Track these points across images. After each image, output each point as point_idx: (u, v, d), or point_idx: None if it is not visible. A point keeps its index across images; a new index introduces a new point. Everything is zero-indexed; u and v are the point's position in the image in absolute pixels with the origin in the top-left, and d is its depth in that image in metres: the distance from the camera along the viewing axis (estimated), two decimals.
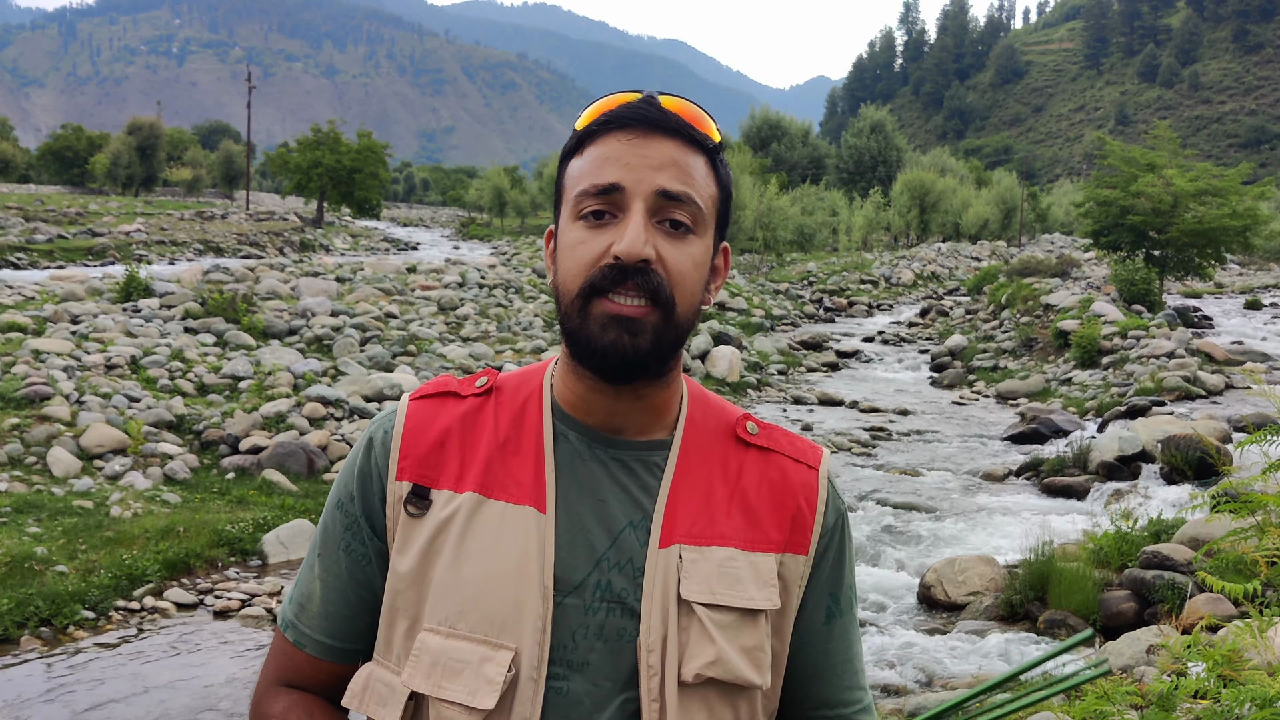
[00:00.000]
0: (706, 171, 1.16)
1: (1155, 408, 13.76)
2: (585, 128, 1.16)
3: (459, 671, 1.10)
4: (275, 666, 1.26)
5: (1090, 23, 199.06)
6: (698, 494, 1.18)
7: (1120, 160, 25.86)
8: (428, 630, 1.12)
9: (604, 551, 1.13)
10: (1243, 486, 3.39)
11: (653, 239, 1.10)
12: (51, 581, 7.22)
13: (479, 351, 16.05)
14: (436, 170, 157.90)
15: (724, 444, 1.22)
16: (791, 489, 1.22)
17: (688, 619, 1.12)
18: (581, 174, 1.14)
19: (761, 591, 1.16)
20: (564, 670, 1.11)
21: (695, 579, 1.13)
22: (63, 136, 71.77)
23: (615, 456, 1.18)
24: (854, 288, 35.37)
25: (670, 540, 1.15)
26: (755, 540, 1.18)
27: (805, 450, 1.25)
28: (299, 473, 10.20)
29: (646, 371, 1.14)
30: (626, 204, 1.11)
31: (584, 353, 1.13)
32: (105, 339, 13.64)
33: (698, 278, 1.15)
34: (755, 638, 1.15)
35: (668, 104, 1.16)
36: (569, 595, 1.12)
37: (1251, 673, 2.59)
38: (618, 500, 1.16)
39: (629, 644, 1.12)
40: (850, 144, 78.69)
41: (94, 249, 33.06)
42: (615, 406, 1.17)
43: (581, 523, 1.14)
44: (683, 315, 1.13)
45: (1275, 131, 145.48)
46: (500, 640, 1.10)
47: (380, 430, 1.22)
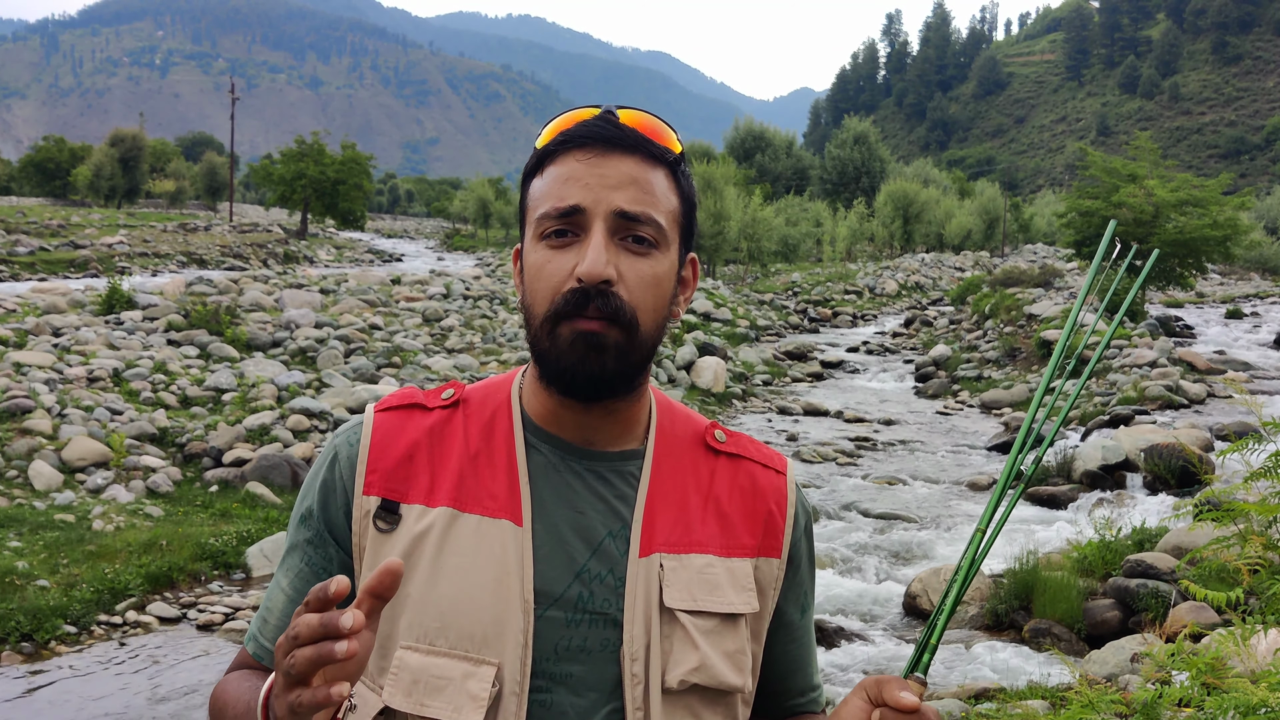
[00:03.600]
0: (668, 185, 1.16)
1: (1138, 417, 13.84)
2: (544, 147, 1.16)
3: (441, 689, 1.09)
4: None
5: (1071, 34, 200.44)
6: (673, 502, 1.19)
7: (1102, 171, 26.03)
8: (405, 647, 1.11)
9: (584, 563, 1.13)
10: (1225, 495, 3.41)
11: (614, 258, 1.11)
12: (32, 596, 7.16)
13: (464, 363, 16.02)
14: (421, 182, 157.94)
15: (695, 452, 1.23)
16: (762, 494, 1.23)
17: (670, 626, 1.13)
18: (543, 195, 1.14)
19: (740, 596, 1.17)
20: (547, 683, 1.10)
21: (676, 586, 1.14)
22: (45, 148, 71.35)
23: (590, 468, 1.18)
24: (838, 298, 35.45)
25: (650, 549, 1.15)
26: (731, 546, 1.19)
27: (772, 457, 1.28)
28: (283, 485, 10.15)
29: (614, 390, 1.15)
30: (587, 224, 1.11)
31: (553, 373, 1.13)
32: (87, 351, 13.56)
33: (661, 294, 1.15)
34: (737, 642, 1.17)
35: (626, 119, 1.16)
36: (550, 608, 1.12)
37: (1235, 680, 2.60)
38: (595, 511, 1.16)
39: (612, 654, 1.12)
40: (834, 155, 78.92)
41: (76, 261, 32.86)
42: (586, 420, 1.18)
43: (559, 534, 1.14)
44: (646, 333, 1.13)
45: (1255, 142, 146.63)
46: (482, 656, 1.09)
47: (345, 443, 1.20)
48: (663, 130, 1.17)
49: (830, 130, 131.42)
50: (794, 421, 16.18)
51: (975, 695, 5.87)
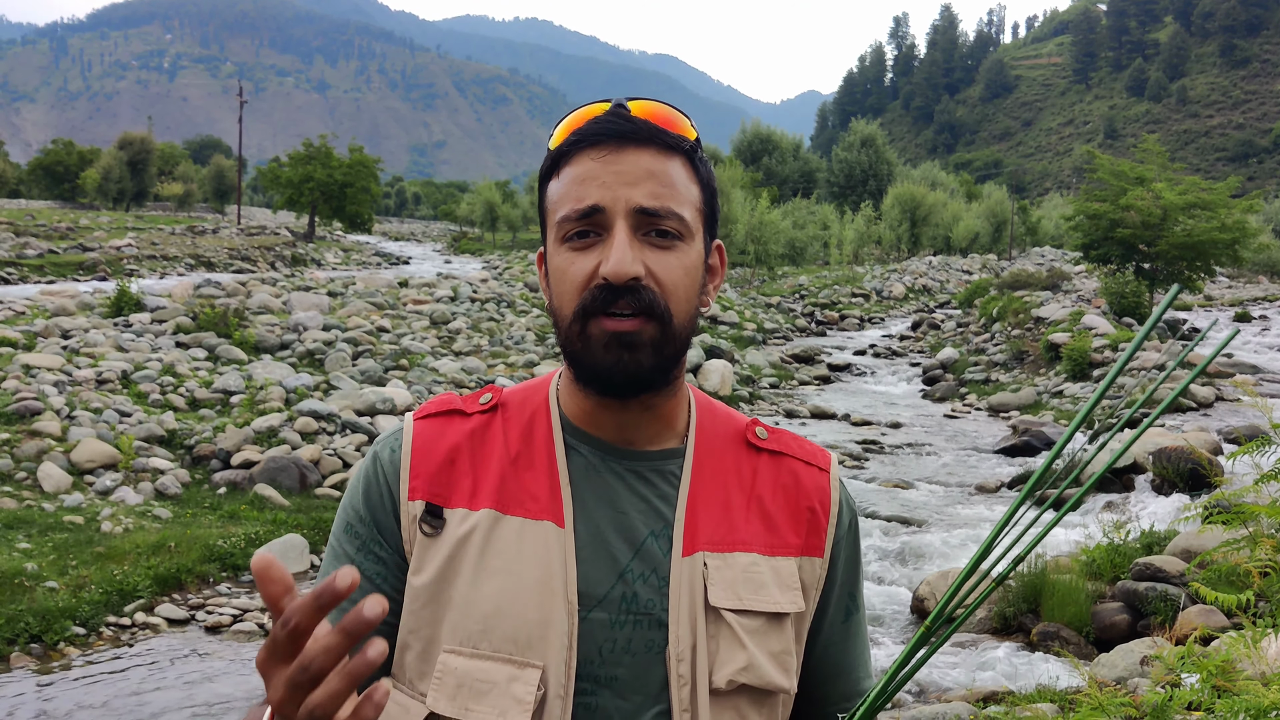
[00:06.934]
0: (686, 174, 1.14)
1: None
2: (558, 148, 1.14)
3: (486, 693, 1.07)
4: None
5: (1079, 37, 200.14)
6: (716, 501, 1.17)
7: (1109, 174, 25.96)
8: (448, 651, 1.09)
9: (627, 563, 1.12)
10: (1234, 498, 3.40)
11: (640, 254, 1.09)
12: (42, 598, 7.18)
13: (471, 366, 16.03)
14: (428, 185, 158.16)
15: (736, 449, 1.22)
16: (805, 492, 1.21)
17: (716, 626, 1.11)
18: (561, 197, 1.12)
19: (786, 595, 1.15)
20: (592, 686, 1.09)
21: (721, 585, 1.12)
22: (53, 152, 71.61)
23: (630, 468, 1.16)
24: (845, 301, 35.43)
25: (693, 548, 1.13)
26: (775, 545, 1.17)
27: (815, 453, 1.25)
28: (291, 488, 10.17)
29: (651, 385, 1.13)
30: (609, 223, 1.09)
31: (588, 375, 1.12)
32: (96, 354, 13.60)
33: (691, 284, 1.13)
34: (782, 642, 1.15)
35: (638, 110, 1.13)
36: (594, 609, 1.10)
37: (1245, 683, 2.59)
38: (637, 511, 1.14)
39: (658, 655, 1.10)
40: (841, 158, 78.87)
41: (85, 264, 32.94)
42: (624, 419, 1.16)
43: (601, 535, 1.13)
44: (680, 325, 1.12)
45: (1263, 145, 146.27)
46: (526, 659, 1.08)
47: (387, 450, 1.19)
48: (676, 118, 1.15)
49: (837, 133, 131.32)
50: (801, 424, 16.16)
51: (983, 698, 5.86)
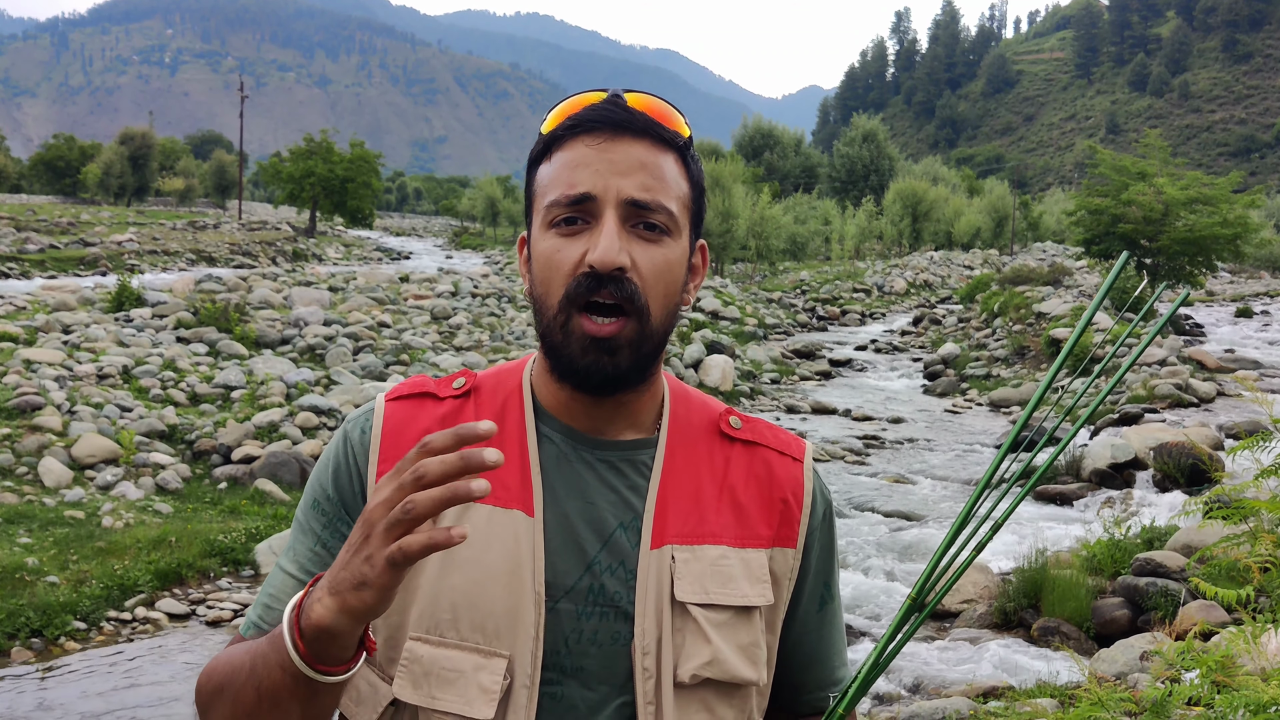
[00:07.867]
0: (678, 170, 1.14)
1: (1147, 415, 13.80)
2: (552, 131, 1.13)
3: (452, 681, 1.07)
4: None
5: (1081, 32, 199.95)
6: (687, 492, 1.17)
7: (1111, 169, 25.96)
8: (415, 639, 1.09)
9: (595, 555, 1.12)
10: (1235, 493, 3.40)
11: (626, 245, 1.08)
12: (42, 592, 7.19)
13: (472, 361, 16.03)
14: (429, 180, 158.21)
15: (709, 440, 1.21)
16: (778, 483, 1.21)
17: (682, 620, 1.11)
18: (551, 182, 1.11)
19: (755, 588, 1.15)
20: (558, 675, 1.09)
21: (688, 579, 1.12)
22: (55, 146, 71.57)
23: (601, 457, 1.16)
24: (847, 296, 35.40)
25: (662, 541, 1.13)
26: (745, 537, 1.17)
27: (789, 443, 1.25)
28: (291, 483, 10.17)
29: (628, 384, 1.13)
30: (598, 211, 1.09)
31: (565, 370, 1.12)
32: (97, 349, 13.60)
33: (673, 281, 1.13)
34: (751, 634, 1.15)
35: (634, 102, 1.13)
36: (561, 600, 1.10)
37: (1245, 679, 2.59)
38: (607, 502, 1.14)
39: (623, 647, 1.10)
40: (842, 153, 78.79)
41: (86, 259, 32.92)
42: (598, 411, 1.16)
43: (571, 526, 1.12)
44: (658, 321, 1.11)
45: (1265, 140, 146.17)
46: (493, 648, 1.08)
47: (357, 430, 1.18)
48: (671, 114, 1.15)
49: (839, 128, 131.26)
50: (802, 420, 16.17)
51: (983, 694, 5.86)
